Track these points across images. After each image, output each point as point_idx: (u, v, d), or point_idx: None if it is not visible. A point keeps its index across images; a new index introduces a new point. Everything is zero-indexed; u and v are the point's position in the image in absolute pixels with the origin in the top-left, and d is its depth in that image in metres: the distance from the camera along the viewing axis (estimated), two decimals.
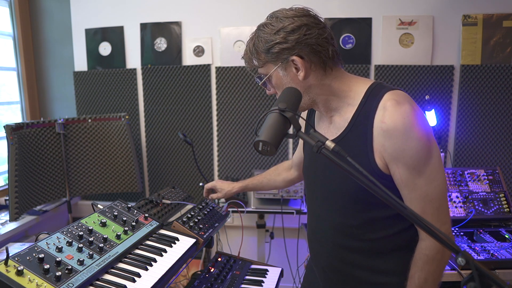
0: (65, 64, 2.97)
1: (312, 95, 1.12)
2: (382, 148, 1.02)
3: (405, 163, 1.00)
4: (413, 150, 0.99)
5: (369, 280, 1.16)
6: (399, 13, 2.60)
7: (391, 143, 1.00)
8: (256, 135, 0.88)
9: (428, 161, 1.00)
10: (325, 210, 1.20)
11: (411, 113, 0.99)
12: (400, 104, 1.00)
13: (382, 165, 1.04)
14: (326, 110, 1.15)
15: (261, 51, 1.08)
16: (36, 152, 2.36)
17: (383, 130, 1.00)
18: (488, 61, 2.56)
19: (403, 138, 0.98)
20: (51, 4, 2.93)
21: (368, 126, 1.04)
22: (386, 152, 1.02)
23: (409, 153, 0.99)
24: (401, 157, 1.00)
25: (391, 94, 1.03)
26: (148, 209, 1.69)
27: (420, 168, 1.00)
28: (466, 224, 2.06)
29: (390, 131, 0.99)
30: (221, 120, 2.83)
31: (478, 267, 0.63)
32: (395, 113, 0.99)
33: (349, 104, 1.10)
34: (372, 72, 2.66)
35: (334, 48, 1.09)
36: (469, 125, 2.62)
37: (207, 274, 1.68)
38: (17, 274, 0.98)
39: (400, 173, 1.02)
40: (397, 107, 1.00)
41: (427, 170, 1.01)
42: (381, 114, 1.01)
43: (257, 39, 1.09)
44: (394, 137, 0.99)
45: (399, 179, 1.03)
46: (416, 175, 1.01)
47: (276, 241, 2.72)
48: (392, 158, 1.01)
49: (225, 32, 2.75)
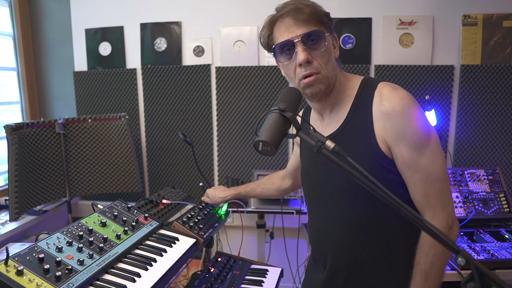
0: (65, 64, 2.97)
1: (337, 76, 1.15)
2: (383, 131, 1.05)
3: (407, 143, 1.03)
4: (413, 129, 1.03)
5: (377, 275, 1.15)
6: (399, 13, 2.60)
7: (392, 124, 1.04)
8: (256, 135, 0.88)
9: (428, 141, 1.04)
10: (331, 208, 1.19)
11: (407, 96, 1.05)
12: (396, 88, 1.07)
13: (385, 148, 1.06)
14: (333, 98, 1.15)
15: (325, 14, 1.10)
16: (36, 152, 2.36)
17: (382, 113, 1.05)
18: (488, 61, 2.56)
19: (403, 118, 1.03)
20: (51, 4, 2.93)
21: (367, 113, 1.08)
22: (387, 134, 1.05)
23: (410, 132, 1.03)
24: (403, 137, 1.03)
25: (385, 83, 1.10)
26: (148, 209, 1.69)
27: (421, 147, 1.04)
28: (466, 224, 2.06)
29: (390, 113, 1.03)
30: (221, 120, 2.83)
31: (478, 267, 0.63)
32: (392, 96, 1.05)
33: (348, 95, 1.15)
34: (372, 72, 2.66)
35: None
36: (469, 125, 2.62)
37: (207, 274, 1.68)
38: (17, 274, 0.98)
39: (402, 155, 1.05)
40: (394, 91, 1.06)
41: (428, 150, 1.04)
42: (379, 99, 1.07)
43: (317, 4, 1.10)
44: (394, 118, 1.03)
45: (401, 161, 1.06)
46: (418, 155, 1.04)
47: (276, 241, 2.72)
48: (394, 140, 1.04)
49: (225, 32, 2.75)
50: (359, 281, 1.18)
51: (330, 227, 1.21)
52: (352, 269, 1.18)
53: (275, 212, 2.45)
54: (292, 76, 1.11)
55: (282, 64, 1.12)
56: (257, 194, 1.75)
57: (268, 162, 2.83)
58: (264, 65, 2.73)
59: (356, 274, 1.18)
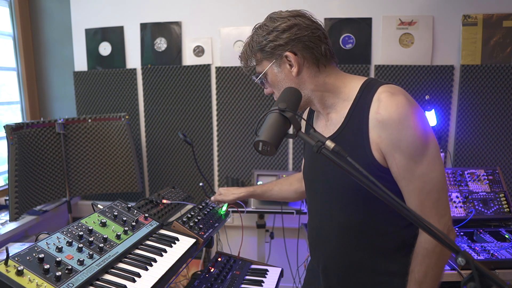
0: (65, 64, 2.97)
1: (307, 91, 1.14)
2: (378, 139, 1.03)
3: (402, 153, 1.00)
4: (409, 139, 0.99)
5: (371, 279, 1.15)
6: (399, 13, 2.60)
7: (387, 134, 1.01)
8: (256, 135, 0.88)
9: (425, 152, 1.01)
10: (328, 209, 1.20)
11: (406, 103, 1.01)
12: (395, 95, 1.02)
13: (379, 157, 1.04)
14: (322, 107, 1.17)
15: (256, 50, 1.14)
16: (36, 152, 2.36)
17: (378, 121, 1.02)
18: (488, 61, 2.56)
19: (399, 128, 0.99)
20: (51, 4, 2.93)
21: (364, 119, 1.05)
22: (382, 143, 1.02)
23: (405, 143, 1.00)
24: (398, 147, 1.00)
25: (385, 87, 1.06)
26: (148, 209, 1.69)
27: (417, 158, 1.00)
28: (466, 224, 2.06)
29: (385, 122, 1.00)
30: (221, 120, 2.83)
31: (478, 267, 0.63)
32: (389, 103, 1.01)
33: (344, 100, 1.12)
34: (372, 72, 2.66)
35: (328, 46, 1.12)
36: (469, 125, 2.62)
37: (207, 274, 1.68)
38: (17, 274, 0.98)
39: (397, 164, 1.02)
40: (392, 98, 1.01)
41: (424, 161, 1.01)
42: (376, 105, 1.03)
43: (251, 40, 1.16)
44: (389, 127, 1.00)
45: (396, 171, 1.03)
46: (413, 165, 1.01)
47: (276, 241, 2.72)
48: (389, 149, 1.02)
49: (225, 32, 2.75)
50: (352, 283, 1.19)
51: (324, 227, 1.22)
52: (345, 271, 1.19)
53: (275, 212, 2.45)
54: None
55: None
56: (273, 194, 1.65)
57: (268, 162, 2.83)
58: None
59: (349, 276, 1.18)
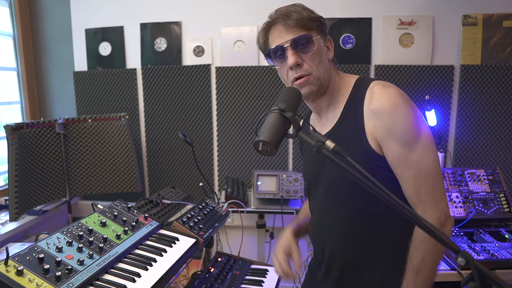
0: (65, 64, 2.97)
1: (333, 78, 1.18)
2: (373, 128, 1.08)
3: (396, 140, 1.05)
4: (401, 126, 1.04)
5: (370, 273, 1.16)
6: (399, 13, 2.60)
7: (380, 122, 1.06)
8: (256, 135, 0.88)
9: (418, 138, 1.05)
10: (328, 206, 1.21)
11: (397, 94, 1.07)
12: (387, 87, 1.09)
13: (375, 146, 1.08)
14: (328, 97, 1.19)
15: (315, 18, 1.14)
16: (36, 152, 2.36)
17: (372, 111, 1.07)
18: (488, 61, 2.56)
19: (391, 115, 1.05)
20: (51, 4, 2.93)
21: (359, 111, 1.11)
22: (377, 132, 1.07)
23: (399, 129, 1.04)
24: (391, 134, 1.05)
25: (378, 82, 1.12)
26: (148, 209, 1.69)
27: (410, 144, 1.04)
28: (466, 224, 2.06)
29: (378, 111, 1.06)
30: (221, 120, 2.83)
31: (478, 267, 0.63)
32: (381, 94, 1.07)
33: (342, 94, 1.18)
34: (372, 72, 2.66)
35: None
36: (469, 125, 2.62)
37: (207, 274, 1.68)
38: (17, 274, 0.98)
39: (391, 152, 1.06)
40: (384, 90, 1.08)
41: (418, 147, 1.05)
42: (369, 97, 1.09)
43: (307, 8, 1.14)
44: (382, 115, 1.05)
45: (391, 158, 1.07)
46: (407, 151, 1.05)
47: (276, 241, 2.71)
48: (383, 137, 1.06)
49: (225, 32, 2.75)
50: (354, 277, 1.20)
51: (327, 223, 1.23)
52: (348, 265, 1.20)
53: (275, 212, 2.45)
54: (286, 79, 1.18)
55: (276, 68, 1.19)
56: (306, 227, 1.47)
57: (268, 162, 2.83)
58: (264, 65, 2.73)
59: (352, 270, 1.19)
